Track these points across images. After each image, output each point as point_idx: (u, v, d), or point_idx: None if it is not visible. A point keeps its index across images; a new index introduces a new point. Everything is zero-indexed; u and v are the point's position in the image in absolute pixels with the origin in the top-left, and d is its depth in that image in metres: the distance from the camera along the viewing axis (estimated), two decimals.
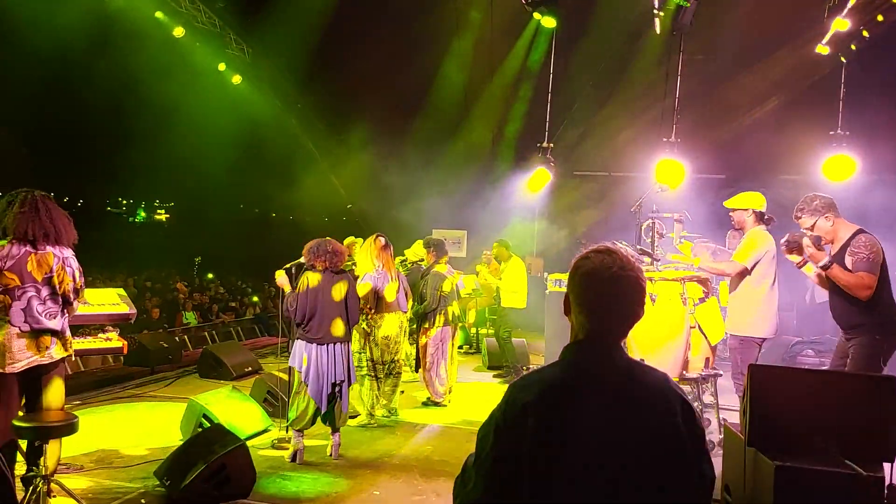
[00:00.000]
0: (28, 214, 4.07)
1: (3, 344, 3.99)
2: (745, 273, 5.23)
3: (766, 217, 5.38)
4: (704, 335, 5.18)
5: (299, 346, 5.37)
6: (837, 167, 7.93)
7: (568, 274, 1.86)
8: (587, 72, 12.64)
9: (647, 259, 5.58)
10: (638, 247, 5.79)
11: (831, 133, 8.21)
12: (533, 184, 10.15)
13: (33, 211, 4.09)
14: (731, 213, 5.55)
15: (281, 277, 5.53)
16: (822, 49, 8.14)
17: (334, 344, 5.37)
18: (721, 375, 5.43)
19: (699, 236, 6.89)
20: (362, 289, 6.18)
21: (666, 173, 7.68)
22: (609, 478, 1.65)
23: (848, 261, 4.36)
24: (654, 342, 5.00)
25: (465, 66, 13.12)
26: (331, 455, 5.39)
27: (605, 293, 1.74)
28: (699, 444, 1.74)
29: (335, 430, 5.46)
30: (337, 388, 5.36)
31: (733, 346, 5.34)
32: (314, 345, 5.31)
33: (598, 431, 1.66)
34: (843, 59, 8.33)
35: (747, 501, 3.63)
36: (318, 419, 5.40)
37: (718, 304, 5.60)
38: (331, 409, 5.37)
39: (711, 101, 11.76)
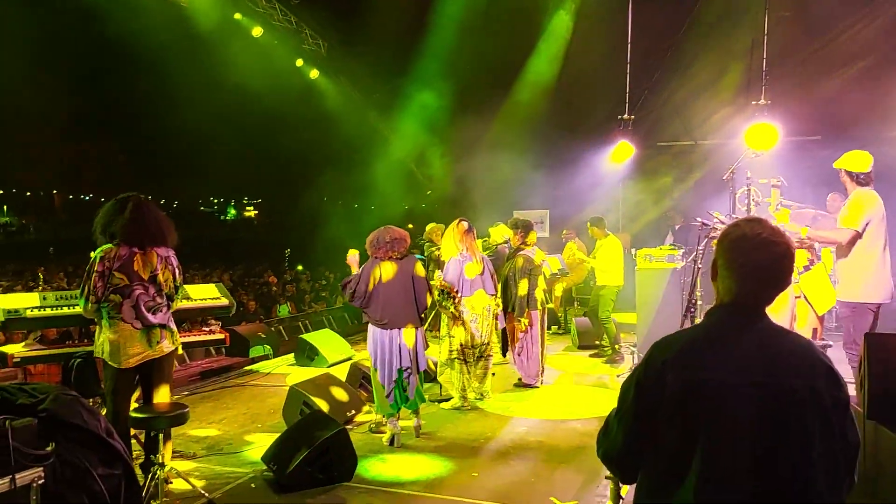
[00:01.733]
0: (136, 219, 4.32)
1: (117, 341, 4.23)
2: (856, 237, 4.92)
3: (862, 178, 5.02)
4: (811, 305, 4.93)
5: (370, 330, 5.47)
6: None
7: (716, 243, 1.92)
8: (667, 38, 12.20)
9: None
10: (733, 215, 5.56)
11: None
12: (615, 157, 9.93)
13: (140, 215, 4.34)
14: None
15: (352, 256, 5.61)
16: None
17: (399, 329, 5.41)
18: (831, 346, 5.17)
19: (798, 204, 6.54)
20: (470, 270, 6.26)
21: (757, 138, 7.32)
22: (749, 438, 1.67)
23: None
24: None
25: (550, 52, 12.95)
26: (416, 436, 5.53)
27: (755, 259, 1.79)
28: (843, 410, 1.74)
29: (414, 411, 5.57)
30: (404, 374, 5.41)
31: (845, 314, 5.03)
32: (379, 329, 5.39)
33: (737, 392, 1.70)
34: None
35: (868, 476, 3.45)
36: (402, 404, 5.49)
37: (825, 272, 5.28)
38: (401, 395, 5.42)
39: (802, 59, 11.14)
